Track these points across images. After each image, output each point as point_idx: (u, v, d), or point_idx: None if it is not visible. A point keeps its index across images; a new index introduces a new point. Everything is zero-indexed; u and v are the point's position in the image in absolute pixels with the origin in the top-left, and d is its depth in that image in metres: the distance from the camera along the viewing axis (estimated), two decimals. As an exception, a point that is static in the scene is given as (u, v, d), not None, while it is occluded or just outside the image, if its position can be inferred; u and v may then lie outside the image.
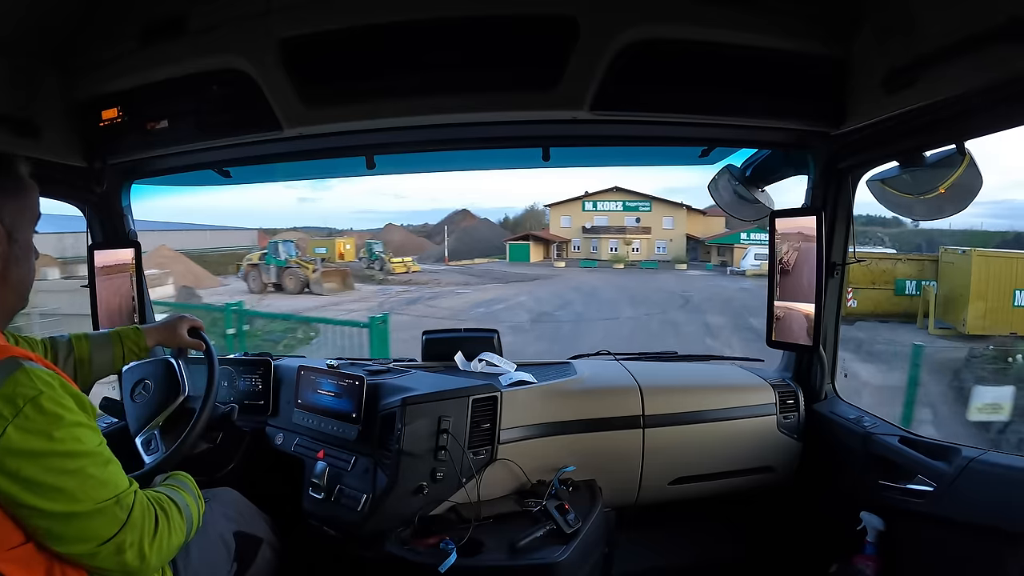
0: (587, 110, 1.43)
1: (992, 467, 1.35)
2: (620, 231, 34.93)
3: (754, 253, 28.29)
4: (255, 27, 1.41)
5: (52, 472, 0.82)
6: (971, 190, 1.38)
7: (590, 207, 36.14)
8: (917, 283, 12.47)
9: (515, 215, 45.09)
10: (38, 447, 0.82)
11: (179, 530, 0.99)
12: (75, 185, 1.78)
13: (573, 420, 1.72)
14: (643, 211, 35.64)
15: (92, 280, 1.94)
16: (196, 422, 1.30)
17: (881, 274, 12.44)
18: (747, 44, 1.39)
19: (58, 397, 0.85)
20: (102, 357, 1.36)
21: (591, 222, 35.65)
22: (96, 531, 0.86)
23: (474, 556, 1.38)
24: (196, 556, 1.17)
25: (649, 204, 35.82)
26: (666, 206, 35.71)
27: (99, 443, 0.90)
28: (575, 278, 24.94)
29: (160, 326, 1.50)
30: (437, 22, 1.38)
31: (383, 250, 26.97)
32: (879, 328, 11.01)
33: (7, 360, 0.86)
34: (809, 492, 1.86)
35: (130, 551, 0.89)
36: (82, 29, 1.48)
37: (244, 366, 1.89)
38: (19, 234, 0.96)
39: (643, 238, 34.87)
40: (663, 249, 34.94)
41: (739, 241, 32.52)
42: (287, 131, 1.51)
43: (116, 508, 0.88)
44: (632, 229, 35.00)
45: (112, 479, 0.89)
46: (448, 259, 32.78)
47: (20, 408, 0.81)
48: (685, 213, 35.64)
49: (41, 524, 0.83)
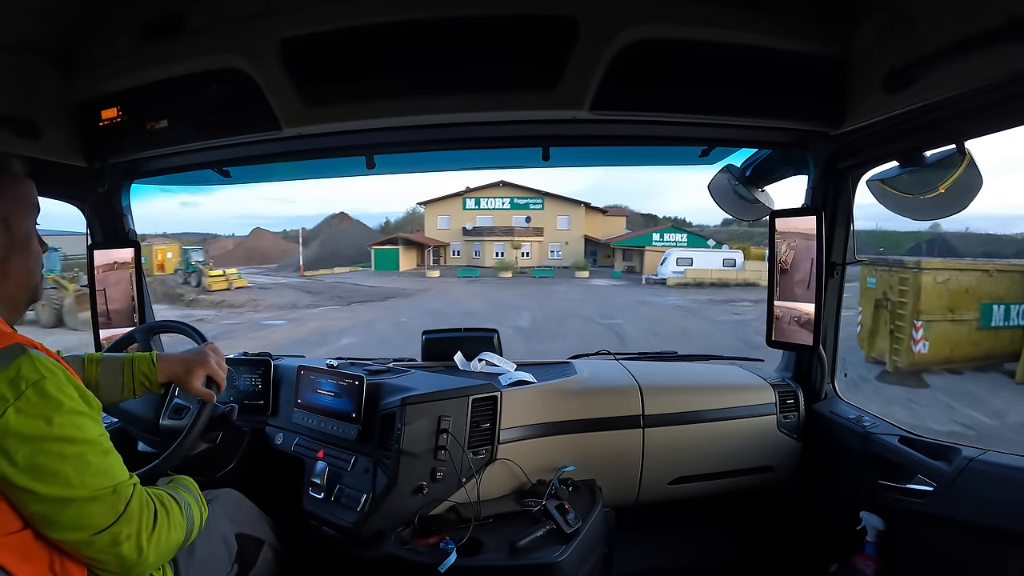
0: (587, 110, 1.43)
1: (992, 467, 1.35)
2: (507, 233, 30.12)
3: (675, 258, 25.75)
4: (255, 27, 1.41)
5: (50, 456, 0.83)
6: (971, 190, 1.38)
7: (472, 205, 31.20)
8: (1008, 308, 8.15)
9: (397, 218, 41.64)
10: (37, 430, 0.82)
11: (179, 528, 0.99)
12: (75, 185, 1.78)
13: (573, 420, 1.72)
14: (534, 209, 31.03)
15: (92, 280, 1.94)
16: (196, 422, 1.30)
17: (962, 296, 8.10)
18: (747, 44, 1.39)
19: (61, 384, 0.86)
20: (110, 383, 1.25)
21: (473, 223, 30.82)
22: (92, 519, 0.86)
23: (474, 556, 1.38)
24: (197, 556, 1.17)
25: (541, 201, 31.15)
26: (561, 203, 31.27)
27: (100, 434, 0.90)
28: (447, 293, 20.31)
29: (177, 360, 1.27)
30: (437, 22, 1.38)
31: (204, 260, 21.85)
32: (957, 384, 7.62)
33: (12, 346, 0.87)
34: (809, 492, 1.86)
35: (127, 543, 0.88)
36: (82, 29, 1.48)
37: (244, 366, 1.89)
38: (14, 222, 0.97)
39: (534, 241, 30.27)
40: (558, 253, 30.51)
41: (651, 243, 28.85)
42: (287, 131, 1.51)
43: (113, 497, 0.88)
44: (521, 230, 30.33)
45: (111, 469, 0.89)
46: (304, 269, 28.07)
47: (22, 391, 0.82)
48: (583, 211, 31.39)
49: (37, 509, 0.83)
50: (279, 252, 33.88)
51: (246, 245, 35.40)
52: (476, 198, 31.20)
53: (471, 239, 30.50)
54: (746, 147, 1.93)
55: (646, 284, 25.08)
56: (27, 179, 1.00)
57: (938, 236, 18.90)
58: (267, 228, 40.85)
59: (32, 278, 1.00)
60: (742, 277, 24.79)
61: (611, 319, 14.06)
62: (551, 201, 31.24)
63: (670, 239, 29.05)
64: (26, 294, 1.00)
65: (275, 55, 1.41)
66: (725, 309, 17.12)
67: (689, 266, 25.29)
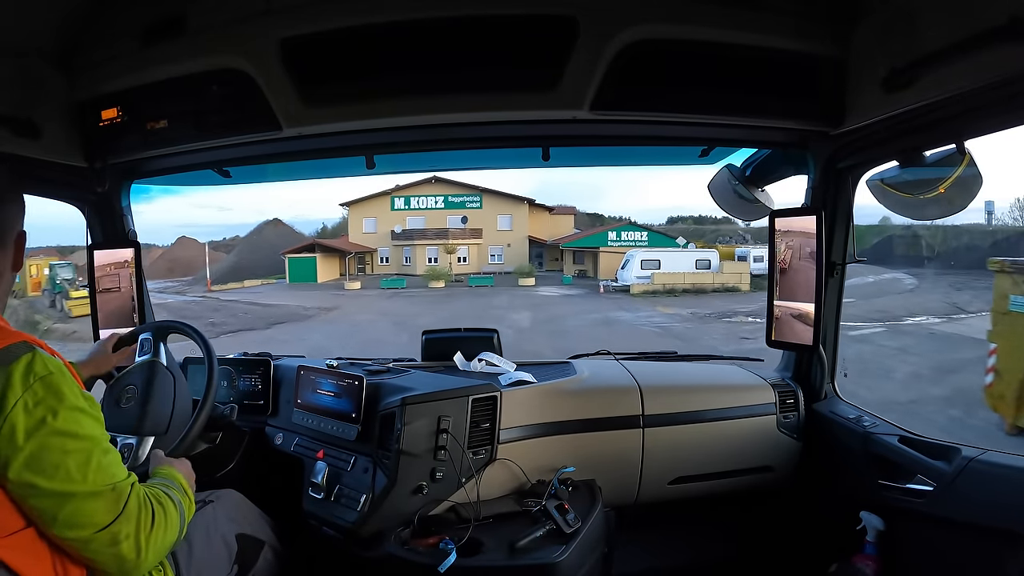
0: (587, 110, 1.43)
1: (992, 467, 1.35)
2: (441, 235, 26.32)
3: (640, 260, 21.66)
4: (255, 27, 1.41)
5: (53, 450, 0.84)
6: (971, 189, 1.38)
7: (401, 205, 27.48)
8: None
9: (334, 223, 37.59)
10: (43, 423, 0.84)
11: (174, 527, 0.99)
12: (75, 185, 1.78)
13: (573, 420, 1.72)
14: (471, 208, 27.34)
15: (92, 280, 1.94)
16: (195, 422, 1.30)
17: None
18: (747, 44, 1.39)
19: (66, 381, 0.88)
20: None
21: (403, 225, 27.21)
22: (91, 516, 0.87)
23: (474, 556, 1.38)
24: (198, 556, 1.17)
25: (479, 199, 27.43)
26: (502, 201, 27.50)
27: (101, 432, 0.91)
28: (357, 314, 16.42)
29: (88, 356, 1.43)
30: (437, 22, 1.38)
31: (72, 278, 17.98)
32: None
33: (20, 343, 0.88)
34: (809, 492, 1.86)
35: (125, 542, 0.89)
36: (82, 29, 1.48)
37: (244, 366, 1.89)
38: None
39: (472, 244, 26.73)
40: (499, 257, 26.88)
41: (606, 243, 25.01)
42: (287, 131, 1.51)
43: (113, 495, 0.89)
44: (457, 232, 26.52)
45: (111, 467, 0.90)
46: (211, 283, 24.62)
47: (30, 384, 0.84)
48: (527, 210, 27.95)
49: (37, 504, 0.84)
50: (199, 263, 30.11)
51: (168, 256, 32.80)
52: (405, 197, 27.36)
53: (401, 243, 26.98)
54: (746, 147, 1.93)
55: (605, 292, 20.96)
56: (22, 201, 0.99)
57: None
58: (211, 237, 37.98)
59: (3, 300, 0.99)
60: (720, 281, 21.50)
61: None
62: (491, 198, 27.49)
63: (629, 238, 25.00)
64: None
65: (275, 55, 1.41)
66: (726, 330, 13.34)
67: (656, 269, 21.59)
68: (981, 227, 20.55)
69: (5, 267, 0.99)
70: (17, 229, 1.00)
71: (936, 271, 18.98)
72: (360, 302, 19.16)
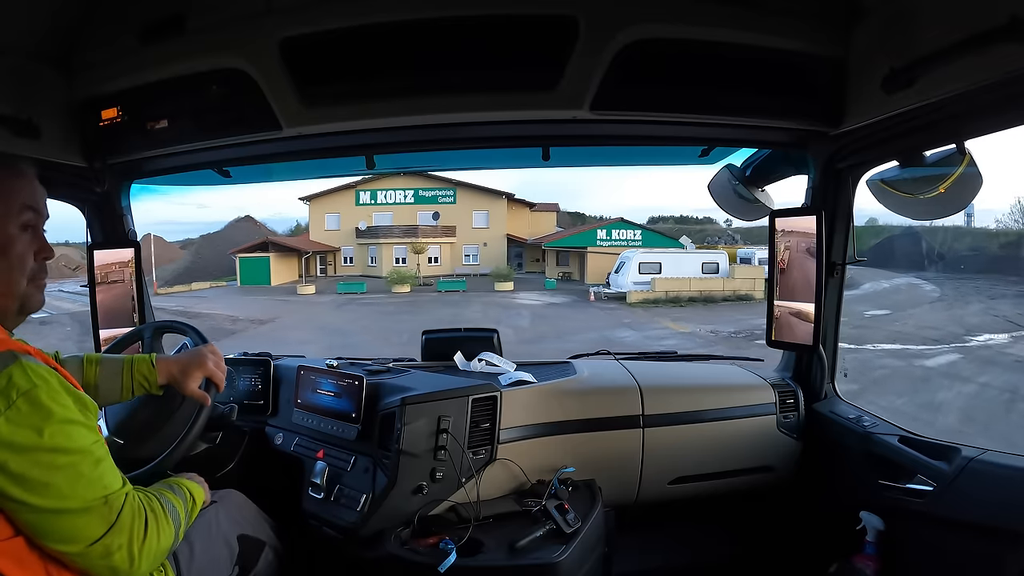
0: (587, 110, 1.43)
1: (992, 467, 1.35)
2: (410, 233, 24.06)
3: (637, 263, 18.84)
4: (255, 27, 1.41)
5: (40, 467, 0.82)
6: (971, 189, 1.38)
7: (367, 200, 25.13)
8: None
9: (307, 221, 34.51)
10: (28, 441, 0.81)
11: (168, 533, 0.97)
12: (75, 185, 1.78)
13: (573, 420, 1.72)
14: (444, 203, 25.04)
15: (92, 280, 1.94)
16: (195, 422, 1.30)
17: None
18: (747, 44, 1.39)
19: (53, 393, 0.84)
20: (110, 385, 1.24)
21: (369, 221, 24.90)
22: (83, 530, 0.85)
23: (474, 556, 1.38)
24: (199, 558, 1.17)
25: (452, 193, 25.09)
26: (478, 195, 25.15)
27: (93, 441, 0.88)
28: (297, 328, 13.86)
29: (175, 362, 1.26)
30: (437, 22, 1.38)
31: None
32: None
33: (3, 353, 0.85)
34: (809, 492, 1.86)
35: (118, 553, 0.88)
36: (82, 29, 1.48)
37: (244, 365, 1.88)
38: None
39: (445, 242, 24.55)
40: (475, 258, 24.68)
41: (595, 243, 22.58)
42: (287, 131, 1.51)
43: (105, 508, 0.87)
44: (427, 230, 24.36)
45: (103, 479, 0.88)
46: (157, 285, 22.39)
47: (13, 401, 0.81)
48: (505, 205, 25.53)
49: (28, 519, 0.83)
50: (168, 262, 28.01)
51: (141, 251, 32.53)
52: (372, 191, 24.92)
53: (366, 242, 24.55)
54: (746, 147, 1.93)
55: (596, 300, 18.44)
56: (17, 178, 0.94)
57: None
58: (188, 235, 35.65)
59: (14, 287, 0.94)
60: (732, 287, 18.74)
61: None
62: (465, 193, 25.06)
63: (621, 237, 21.93)
64: (12, 302, 0.94)
65: (275, 55, 1.41)
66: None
67: (657, 274, 18.90)
68: (960, 229, 19.56)
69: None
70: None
71: (946, 275, 17.88)
72: (306, 312, 16.47)
